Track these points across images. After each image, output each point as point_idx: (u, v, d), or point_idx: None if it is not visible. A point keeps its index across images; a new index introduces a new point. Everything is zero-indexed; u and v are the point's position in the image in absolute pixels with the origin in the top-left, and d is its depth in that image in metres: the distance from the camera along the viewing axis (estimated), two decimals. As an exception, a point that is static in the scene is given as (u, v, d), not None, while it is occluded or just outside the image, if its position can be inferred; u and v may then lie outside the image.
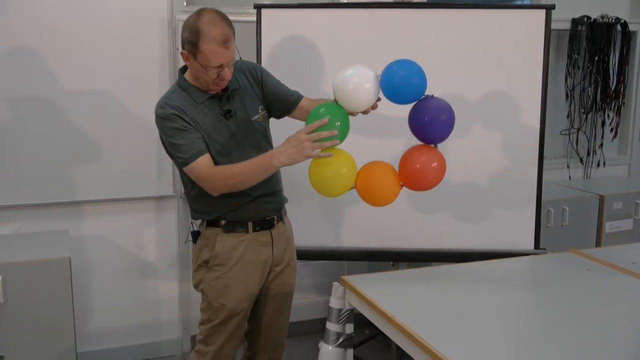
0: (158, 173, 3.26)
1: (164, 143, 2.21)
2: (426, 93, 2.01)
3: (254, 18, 2.85)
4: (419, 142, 2.06)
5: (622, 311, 1.84)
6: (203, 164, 2.10)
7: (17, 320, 2.57)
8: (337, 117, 1.99)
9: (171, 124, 2.11)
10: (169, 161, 3.24)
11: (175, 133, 2.11)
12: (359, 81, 1.97)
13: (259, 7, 2.82)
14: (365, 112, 2.10)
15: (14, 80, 2.97)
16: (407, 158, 2.05)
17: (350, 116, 2.05)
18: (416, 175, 2.02)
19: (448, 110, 1.99)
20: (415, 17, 2.84)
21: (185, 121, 2.12)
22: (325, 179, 2.03)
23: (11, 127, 2.99)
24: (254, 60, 2.82)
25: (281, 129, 2.29)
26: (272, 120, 2.38)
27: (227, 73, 2.09)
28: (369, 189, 2.05)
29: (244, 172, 2.09)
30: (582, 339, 1.65)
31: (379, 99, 2.05)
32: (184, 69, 2.23)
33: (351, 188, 2.06)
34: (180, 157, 2.13)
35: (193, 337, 3.50)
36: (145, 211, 3.31)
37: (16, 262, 2.57)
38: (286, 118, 2.39)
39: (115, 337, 3.35)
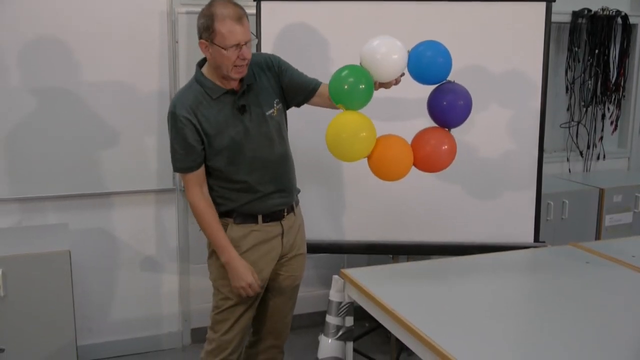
0: (158, 166, 3.26)
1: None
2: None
3: (254, 11, 2.83)
4: (427, 126, 2.09)
5: (621, 304, 1.85)
6: (193, 181, 2.25)
7: (17, 313, 2.57)
8: (362, 80, 1.96)
9: (177, 126, 2.18)
10: (169, 155, 3.25)
11: (177, 137, 2.20)
12: (387, 51, 1.97)
13: (258, 0, 2.81)
14: (387, 86, 2.09)
15: (14, 75, 2.96)
16: (419, 139, 2.07)
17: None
18: (427, 156, 2.04)
19: (466, 97, 2.03)
20: (415, 9, 2.83)
21: (193, 125, 2.17)
22: (342, 141, 1.98)
23: (11, 120, 2.99)
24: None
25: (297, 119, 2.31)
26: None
27: (246, 52, 2.12)
28: (386, 159, 2.02)
29: (208, 228, 2.28)
30: (582, 331, 1.65)
31: (402, 74, 2.06)
32: (201, 63, 2.26)
33: (367, 155, 2.02)
34: (174, 163, 2.27)
35: (193, 330, 3.51)
36: (146, 205, 3.31)
37: (16, 255, 2.57)
38: (305, 108, 2.42)
39: (115, 330, 3.35)
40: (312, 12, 2.83)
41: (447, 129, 2.07)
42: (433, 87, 2.07)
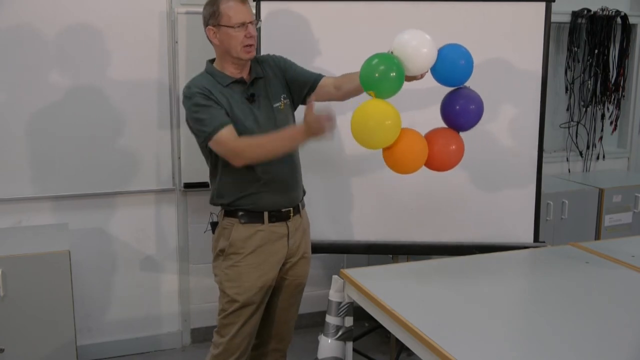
0: (158, 166, 3.26)
1: (189, 124, 2.26)
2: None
3: (254, 11, 2.83)
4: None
5: (621, 304, 1.85)
6: (227, 134, 2.15)
7: (17, 313, 2.57)
8: (393, 67, 1.96)
9: (195, 100, 2.18)
10: (169, 154, 3.26)
11: (199, 109, 2.17)
12: (416, 45, 1.99)
13: (258, 0, 2.81)
14: (408, 79, 2.10)
15: (11, 74, 2.96)
16: (428, 138, 2.09)
17: None
18: (436, 155, 2.07)
19: (479, 103, 2.08)
20: (414, 9, 2.83)
21: (210, 99, 2.18)
22: (367, 128, 1.98)
23: (10, 120, 2.99)
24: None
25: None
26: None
27: (252, 30, 2.20)
28: (406, 153, 2.03)
29: (271, 144, 2.14)
30: (581, 331, 1.65)
31: (426, 70, 2.08)
32: (212, 60, 2.34)
33: (390, 144, 2.02)
34: (204, 130, 2.16)
35: (193, 330, 3.51)
36: (145, 205, 3.31)
37: (16, 256, 2.57)
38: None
39: (115, 330, 3.35)
40: (312, 12, 2.83)
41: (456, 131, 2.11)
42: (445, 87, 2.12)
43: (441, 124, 2.15)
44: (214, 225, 2.41)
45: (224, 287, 2.33)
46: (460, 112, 2.08)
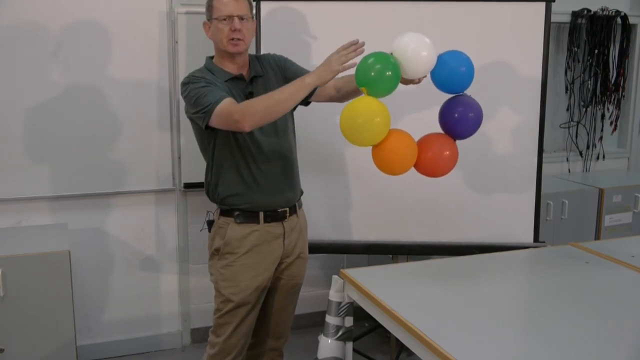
0: (158, 166, 3.26)
1: (189, 113, 2.24)
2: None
3: (254, 11, 2.83)
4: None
5: (621, 304, 1.85)
6: (229, 102, 2.11)
7: (17, 313, 2.57)
8: (389, 66, 1.96)
9: (195, 84, 2.17)
10: (169, 154, 3.26)
11: (199, 89, 2.15)
12: (416, 47, 1.99)
13: (258, 0, 2.81)
14: (405, 82, 2.09)
15: (11, 73, 2.96)
16: (422, 143, 2.08)
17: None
18: (429, 160, 2.06)
19: (478, 111, 2.07)
20: (414, 9, 2.83)
21: (211, 83, 2.18)
22: (356, 125, 1.97)
23: (9, 120, 2.99)
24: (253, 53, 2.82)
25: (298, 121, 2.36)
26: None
27: (238, 25, 2.21)
28: (393, 151, 2.02)
29: (276, 93, 2.10)
30: (581, 332, 1.65)
31: (424, 76, 2.07)
32: (211, 58, 2.35)
33: (379, 142, 2.01)
34: (205, 107, 2.11)
35: (193, 330, 3.51)
36: (145, 205, 3.31)
37: (16, 256, 2.57)
38: (308, 108, 2.44)
39: (115, 330, 3.35)
40: (312, 12, 2.83)
41: (453, 139, 2.10)
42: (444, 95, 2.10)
43: (439, 130, 2.14)
44: (210, 223, 2.41)
45: (219, 286, 2.33)
46: (459, 119, 2.06)
